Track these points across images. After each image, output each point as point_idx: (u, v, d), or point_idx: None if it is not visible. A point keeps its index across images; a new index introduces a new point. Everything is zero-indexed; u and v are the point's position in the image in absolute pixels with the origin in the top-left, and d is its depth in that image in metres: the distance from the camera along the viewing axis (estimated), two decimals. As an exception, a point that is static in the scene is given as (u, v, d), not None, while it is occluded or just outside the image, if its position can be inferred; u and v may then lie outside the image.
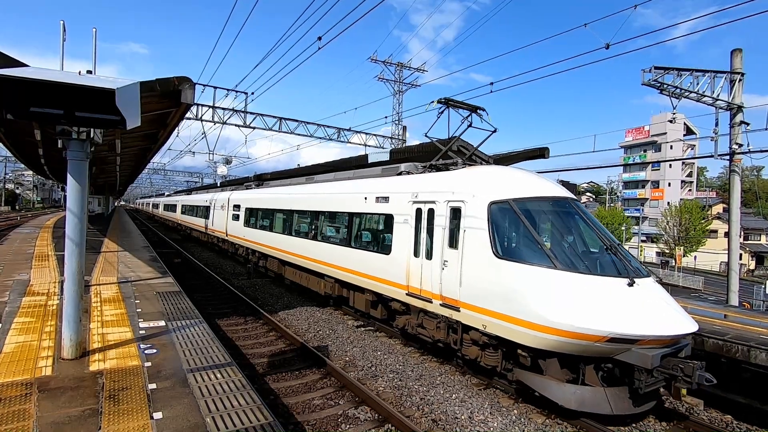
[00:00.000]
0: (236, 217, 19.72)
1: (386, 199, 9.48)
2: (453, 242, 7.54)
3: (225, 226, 21.37)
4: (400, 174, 9.92)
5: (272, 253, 15.27)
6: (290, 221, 14.12)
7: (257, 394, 4.69)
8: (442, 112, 9.27)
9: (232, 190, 23.29)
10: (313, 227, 12.57)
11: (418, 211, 8.46)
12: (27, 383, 4.58)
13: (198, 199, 30.25)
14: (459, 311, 7.24)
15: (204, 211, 26.95)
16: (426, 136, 9.71)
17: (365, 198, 10.19)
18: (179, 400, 4.39)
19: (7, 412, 3.97)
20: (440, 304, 7.64)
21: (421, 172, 9.51)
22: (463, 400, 6.97)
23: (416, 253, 8.38)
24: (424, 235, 8.25)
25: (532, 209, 7.04)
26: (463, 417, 6.44)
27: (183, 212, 35.39)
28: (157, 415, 4.05)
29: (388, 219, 9.42)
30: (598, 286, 6.14)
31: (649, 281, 6.53)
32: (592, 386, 6.23)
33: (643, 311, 5.98)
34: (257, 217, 17.31)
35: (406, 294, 8.53)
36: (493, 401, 7.00)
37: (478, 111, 9.20)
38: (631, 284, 6.18)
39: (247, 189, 20.62)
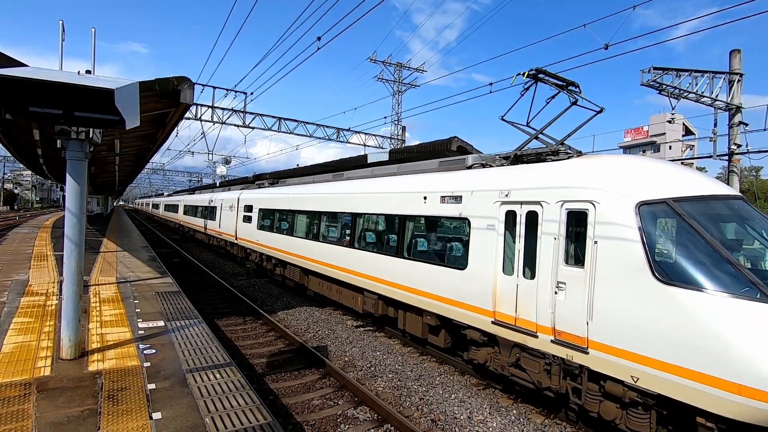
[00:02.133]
0: (247, 219, 18.07)
1: (457, 198, 7.62)
2: (574, 257, 5.74)
3: (234, 229, 19.72)
4: (471, 167, 8.14)
5: (293, 260, 13.56)
6: (317, 225, 12.36)
7: (256, 394, 4.69)
8: (527, 87, 7.62)
9: (242, 189, 21.29)
10: (348, 232, 10.85)
11: (510, 215, 6.61)
12: (26, 383, 4.58)
13: (202, 199, 28.22)
14: (586, 353, 5.36)
15: (209, 212, 25.29)
16: (503, 119, 8.06)
17: (424, 198, 8.33)
18: (178, 401, 4.39)
19: (6, 413, 3.96)
20: (551, 341, 5.79)
21: (501, 165, 7.74)
22: (462, 400, 6.97)
23: (508, 269, 6.53)
24: (519, 245, 6.37)
25: (704, 213, 5.23)
26: (462, 417, 6.44)
27: (186, 213, 33.65)
28: (156, 416, 4.05)
29: (461, 224, 7.67)
30: None
31: None
32: None
33: None
34: (274, 220, 15.56)
35: (492, 322, 6.63)
36: (492, 401, 7.00)
37: (570, 87, 7.65)
38: None
39: (259, 188, 18.75)
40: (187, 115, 19.24)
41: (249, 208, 18.08)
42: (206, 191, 32.01)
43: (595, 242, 5.41)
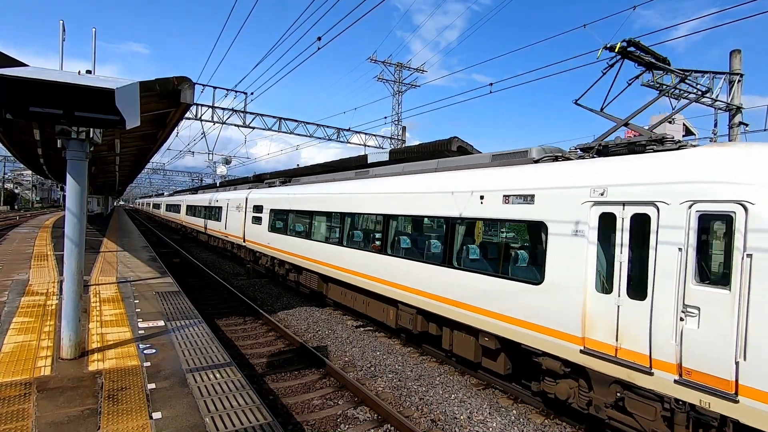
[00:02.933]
0: (257, 221, 16.86)
1: (527, 198, 6.32)
2: (713, 274, 4.69)
3: (242, 231, 18.49)
4: (539, 161, 6.86)
5: (310, 266, 12.40)
6: (340, 227, 11.14)
7: (256, 394, 4.69)
8: (612, 64, 6.56)
9: (250, 188, 20.03)
10: (379, 236, 9.67)
11: (606, 218, 5.41)
12: (26, 383, 4.58)
13: (206, 198, 26.72)
14: (734, 401, 4.23)
15: (214, 213, 23.96)
16: (576, 103, 7.08)
17: (481, 197, 7.09)
18: (178, 400, 4.39)
19: (6, 412, 3.97)
20: (675, 380, 4.64)
21: (582, 157, 6.40)
22: (462, 401, 6.97)
23: (603, 286, 5.38)
24: (621, 257, 5.20)
25: None
26: (462, 417, 6.44)
27: (188, 213, 32.23)
28: (156, 415, 4.05)
29: (535, 229, 6.68)
30: None
31: None
32: None
33: None
34: (287, 221, 14.36)
35: (581, 351, 5.47)
36: (492, 401, 7.00)
37: (663, 65, 6.60)
38: None
39: (270, 187, 17.63)
40: (188, 115, 19.25)
41: (259, 209, 16.88)
42: (210, 191, 30.62)
43: (748, 255, 4.19)
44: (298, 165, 25.41)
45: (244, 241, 18.33)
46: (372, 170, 11.51)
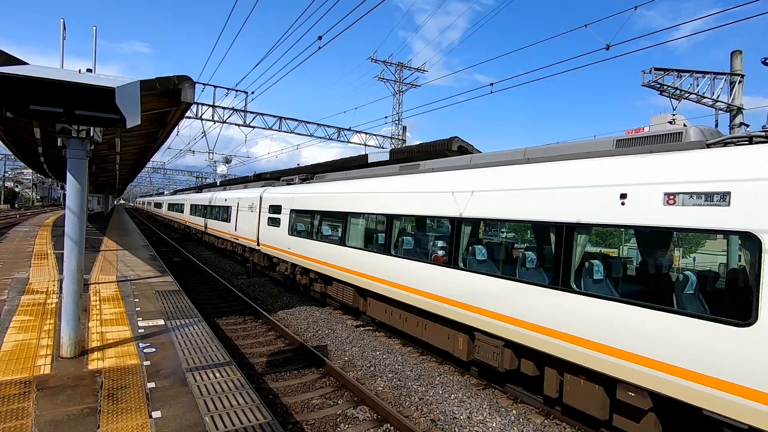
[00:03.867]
0: (274, 222, 15.17)
1: (714, 198, 4.46)
2: None
3: (255, 233, 16.80)
4: (713, 146, 5.06)
5: (343, 276, 10.71)
6: (386, 232, 9.21)
7: (256, 393, 4.69)
8: None
9: (264, 186, 18.23)
10: (444, 245, 8.00)
11: None
12: (26, 381, 4.58)
13: (213, 198, 24.90)
14: None
15: (222, 213, 22.27)
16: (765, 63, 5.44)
17: (621, 196, 5.20)
18: (178, 399, 4.39)
19: (6, 411, 3.97)
20: None
21: None
22: (462, 400, 6.96)
23: None
24: None
25: None
26: (461, 417, 6.44)
27: (193, 213, 30.36)
28: (156, 414, 4.05)
29: (730, 243, 5.11)
30: None
31: None
32: None
33: None
34: (313, 224, 12.52)
35: None
36: (491, 401, 7.00)
37: None
38: None
39: (289, 185, 15.85)
40: (188, 114, 19.24)
41: (276, 209, 15.07)
42: (216, 189, 28.82)
43: None
44: (298, 164, 25.42)
45: (258, 245, 16.59)
46: (422, 164, 9.55)
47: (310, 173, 16.18)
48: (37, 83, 3.94)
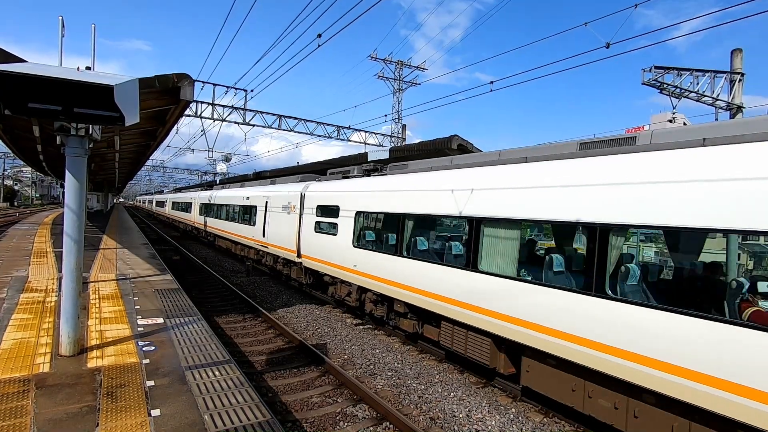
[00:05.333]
0: (325, 229, 11.84)
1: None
2: None
3: (294, 241, 13.43)
4: None
5: (467, 317, 7.15)
6: (593, 254, 5.48)
7: (255, 391, 4.69)
8: None
9: (302, 181, 14.81)
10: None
11: None
12: (25, 380, 4.58)
13: (230, 196, 21.65)
14: None
15: (244, 214, 18.90)
16: None
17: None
18: (177, 398, 4.39)
19: (5, 409, 3.97)
20: None
21: None
22: (462, 399, 6.97)
23: None
24: None
25: None
26: (461, 415, 6.45)
27: (203, 213, 26.92)
28: (155, 412, 4.05)
29: None
30: None
31: None
32: None
33: None
34: (402, 233, 8.83)
35: None
36: (491, 399, 7.01)
37: None
38: None
39: (346, 179, 12.20)
40: (187, 112, 19.23)
41: (330, 211, 11.67)
42: (233, 186, 24.87)
43: None
44: (298, 162, 25.39)
45: (298, 257, 13.17)
46: (592, 148, 6.35)
47: (384, 162, 11.93)
48: (36, 81, 3.93)
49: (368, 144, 26.51)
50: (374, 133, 27.06)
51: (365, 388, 6.99)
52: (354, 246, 10.34)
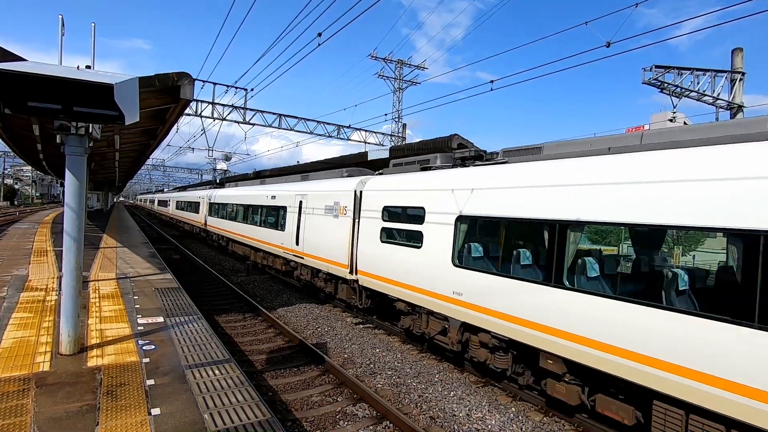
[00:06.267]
0: (402, 239, 8.92)
1: None
2: None
3: (346, 253, 10.53)
4: None
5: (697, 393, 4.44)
6: None
7: (255, 390, 4.69)
8: None
9: (349, 175, 12.24)
10: None
11: None
12: (25, 378, 4.58)
13: (247, 194, 18.81)
14: None
15: (269, 216, 15.98)
16: None
17: None
18: (177, 396, 4.39)
19: (5, 407, 3.97)
20: None
21: None
22: (462, 398, 6.97)
23: None
24: None
25: None
26: (461, 414, 6.45)
27: (214, 215, 24.05)
28: (155, 411, 4.05)
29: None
30: None
31: None
32: None
33: None
34: (565, 252, 5.76)
35: None
36: (491, 399, 7.01)
37: None
38: None
39: (426, 171, 9.04)
40: (188, 111, 19.22)
41: (405, 215, 8.88)
42: (250, 184, 21.54)
43: None
44: (298, 162, 25.37)
45: (352, 273, 10.38)
46: None
47: (475, 152, 8.65)
48: (36, 80, 3.93)
49: (368, 143, 26.52)
50: (374, 132, 27.07)
51: (365, 387, 6.99)
52: (455, 265, 7.38)
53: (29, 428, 3.65)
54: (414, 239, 8.47)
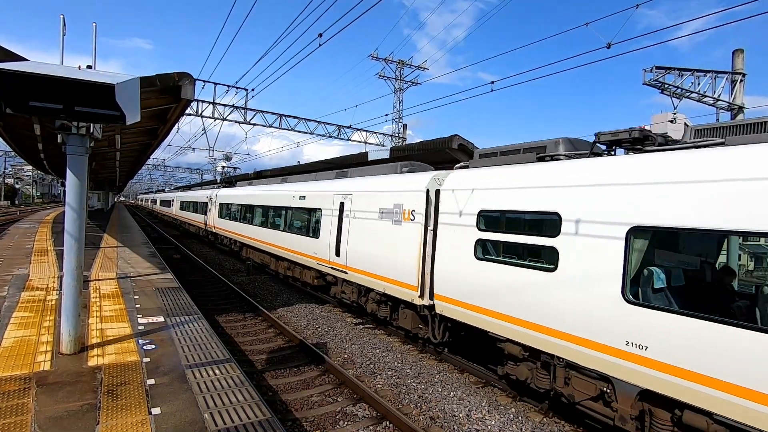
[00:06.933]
0: (515, 256, 6.59)
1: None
2: None
3: (415, 271, 8.20)
4: None
5: None
6: None
7: (255, 390, 4.69)
8: None
9: (411, 171, 9.99)
10: None
11: None
12: (25, 378, 4.59)
13: (268, 195, 16.27)
14: None
15: (296, 220, 13.74)
16: None
17: None
18: (178, 396, 4.40)
19: (6, 407, 3.97)
20: None
21: None
22: (461, 398, 6.98)
23: None
24: None
25: None
26: (461, 415, 6.45)
27: (225, 216, 21.65)
28: (156, 411, 4.06)
29: None
30: None
31: None
32: None
33: None
34: None
35: None
36: (491, 399, 7.01)
37: None
38: None
39: (551, 161, 6.57)
40: (188, 111, 19.24)
41: (523, 224, 6.68)
42: (269, 182, 18.68)
43: None
44: (298, 162, 25.37)
45: (424, 297, 8.12)
46: None
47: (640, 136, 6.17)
48: (37, 79, 3.93)
49: (369, 143, 26.52)
50: (375, 133, 27.07)
51: (365, 387, 6.99)
52: (630, 301, 4.91)
53: (30, 427, 3.66)
54: (540, 258, 6.11)
